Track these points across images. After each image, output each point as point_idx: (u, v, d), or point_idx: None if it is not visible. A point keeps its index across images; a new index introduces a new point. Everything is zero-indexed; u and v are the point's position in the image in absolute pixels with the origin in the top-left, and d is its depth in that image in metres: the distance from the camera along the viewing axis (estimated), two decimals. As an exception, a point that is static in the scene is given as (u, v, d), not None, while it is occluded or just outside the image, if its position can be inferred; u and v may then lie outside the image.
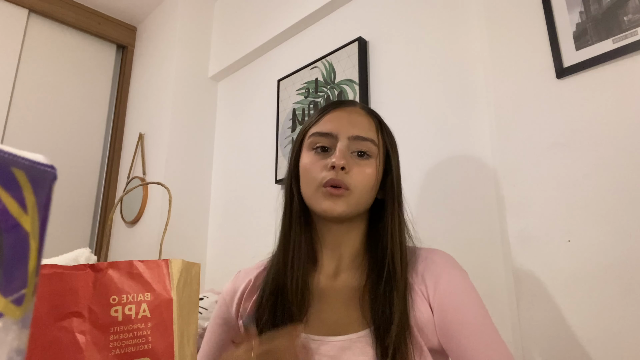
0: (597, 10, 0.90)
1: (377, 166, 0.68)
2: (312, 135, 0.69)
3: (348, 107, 0.71)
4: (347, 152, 0.66)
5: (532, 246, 0.92)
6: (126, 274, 0.43)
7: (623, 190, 0.82)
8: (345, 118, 0.68)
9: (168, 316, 0.42)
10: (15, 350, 0.21)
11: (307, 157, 0.69)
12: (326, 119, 0.69)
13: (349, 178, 0.65)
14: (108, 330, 0.40)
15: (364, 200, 0.68)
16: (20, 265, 0.21)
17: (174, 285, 0.44)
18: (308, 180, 0.68)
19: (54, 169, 0.24)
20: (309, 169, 0.67)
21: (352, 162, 0.66)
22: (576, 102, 0.90)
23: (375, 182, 0.68)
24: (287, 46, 1.81)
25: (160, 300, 0.43)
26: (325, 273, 0.71)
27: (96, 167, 2.26)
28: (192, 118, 2.06)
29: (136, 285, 0.42)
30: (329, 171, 0.65)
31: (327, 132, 0.67)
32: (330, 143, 0.67)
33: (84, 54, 2.29)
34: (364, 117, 0.70)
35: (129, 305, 0.41)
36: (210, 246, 1.96)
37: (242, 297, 0.74)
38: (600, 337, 0.80)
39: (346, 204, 0.65)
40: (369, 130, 0.68)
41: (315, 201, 0.67)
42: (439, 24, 1.27)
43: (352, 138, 0.67)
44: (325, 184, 0.65)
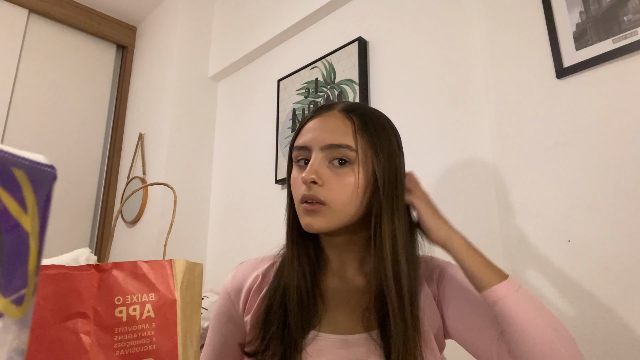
0: (597, 10, 0.90)
1: (357, 172, 0.62)
2: (293, 148, 0.68)
3: (326, 112, 0.67)
4: (324, 163, 0.63)
5: (532, 246, 0.92)
6: (130, 274, 0.43)
7: (623, 190, 0.82)
8: (320, 126, 0.65)
9: (172, 317, 0.42)
10: (15, 350, 0.21)
11: (293, 172, 0.68)
12: (304, 129, 0.67)
13: (324, 191, 0.61)
14: (112, 331, 0.41)
15: (348, 212, 0.63)
16: (20, 265, 0.21)
17: (177, 286, 0.44)
18: (294, 196, 0.67)
19: (54, 169, 0.24)
20: (292, 184, 0.66)
21: (329, 173, 0.62)
22: (576, 102, 0.90)
23: (358, 190, 0.63)
24: (287, 46, 1.81)
25: (164, 300, 0.43)
26: (335, 274, 0.71)
27: (96, 167, 2.26)
28: (192, 118, 2.06)
29: (140, 286, 0.42)
30: (305, 186, 0.62)
31: (302, 145, 0.65)
32: (307, 156, 0.65)
33: (84, 54, 2.29)
34: (340, 121, 0.64)
35: (134, 305, 0.42)
36: (210, 246, 1.96)
37: (249, 294, 0.72)
38: (600, 337, 0.80)
39: (325, 220, 0.62)
40: (344, 135, 0.63)
41: (299, 216, 0.65)
42: (439, 24, 1.27)
43: (325, 148, 0.63)
44: (302, 199, 0.63)
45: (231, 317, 0.73)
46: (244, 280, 0.74)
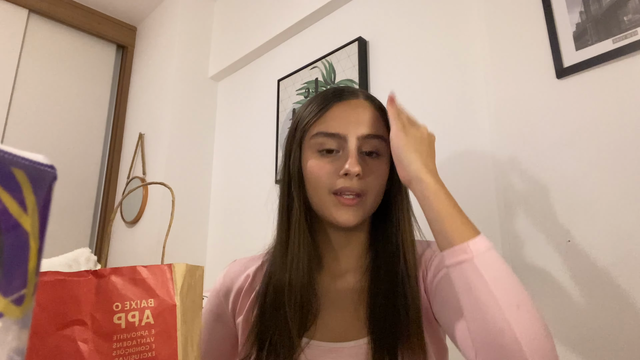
0: (597, 10, 0.90)
1: (387, 165, 0.63)
2: (315, 135, 0.62)
3: (352, 99, 0.64)
4: (358, 153, 0.61)
5: (532, 246, 0.92)
6: (129, 279, 0.42)
7: (623, 190, 0.82)
8: (352, 114, 0.62)
9: (172, 322, 0.42)
10: (15, 350, 0.21)
11: (313, 161, 0.62)
12: (330, 115, 0.62)
13: (364, 183, 0.60)
14: (111, 338, 0.40)
15: (376, 203, 0.64)
16: (20, 265, 0.21)
17: (177, 291, 0.43)
18: (317, 187, 0.62)
19: (54, 169, 0.24)
20: (318, 174, 0.61)
21: (365, 164, 0.61)
22: (576, 102, 0.90)
23: (385, 181, 0.63)
24: (287, 46, 1.81)
25: (164, 306, 0.42)
26: (330, 274, 0.68)
27: (96, 167, 2.26)
28: (192, 118, 2.06)
29: (139, 292, 0.42)
30: (341, 177, 0.60)
31: (334, 132, 0.61)
32: (337, 144, 0.61)
33: (84, 54, 2.29)
34: (370, 111, 0.64)
35: (133, 312, 0.41)
36: (210, 246, 1.96)
37: (240, 295, 0.70)
38: (600, 337, 0.80)
39: (361, 213, 0.61)
40: (377, 126, 0.62)
41: (327, 210, 0.62)
42: (439, 24, 1.27)
43: (361, 138, 0.61)
44: (338, 191, 0.60)
45: (219, 316, 0.72)
46: (234, 280, 0.72)
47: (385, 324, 0.58)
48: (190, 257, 1.90)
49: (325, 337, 0.62)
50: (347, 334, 0.62)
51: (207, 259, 1.95)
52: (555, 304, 0.87)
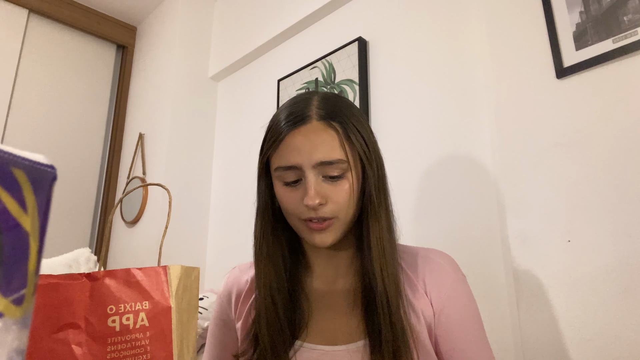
0: (597, 10, 0.90)
1: (352, 178, 0.62)
2: (276, 169, 0.64)
3: (303, 125, 0.62)
4: (318, 181, 0.61)
5: (532, 246, 0.92)
6: (124, 282, 0.42)
7: (623, 190, 0.82)
8: (304, 143, 0.61)
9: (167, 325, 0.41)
10: (15, 351, 0.21)
11: (279, 189, 0.65)
12: (284, 147, 0.63)
13: (329, 209, 0.61)
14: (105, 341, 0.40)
15: (351, 217, 0.64)
16: (20, 265, 0.21)
17: (172, 293, 0.43)
18: (287, 213, 0.64)
19: (54, 169, 0.24)
20: (285, 203, 0.64)
21: (327, 188, 0.61)
22: (576, 102, 0.90)
23: (355, 193, 0.63)
24: (287, 46, 1.81)
25: (158, 308, 0.42)
26: (322, 279, 0.69)
27: (96, 167, 2.26)
28: (192, 118, 2.06)
29: (134, 294, 0.41)
30: (306, 208, 0.61)
31: (289, 165, 0.62)
32: (297, 175, 0.62)
33: (84, 54, 2.29)
34: (324, 134, 0.61)
35: (127, 314, 0.41)
36: (210, 246, 1.96)
37: (239, 300, 0.72)
38: (600, 337, 0.80)
39: (334, 233, 0.63)
40: (333, 149, 0.61)
41: (302, 233, 0.64)
42: (439, 24, 1.27)
43: (317, 165, 0.61)
44: (306, 220, 0.62)
45: (225, 322, 0.74)
46: (234, 286, 0.74)
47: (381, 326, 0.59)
48: (190, 258, 1.90)
49: (319, 340, 0.63)
50: (342, 337, 0.63)
51: (207, 259, 1.95)
52: (555, 304, 0.87)
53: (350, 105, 0.67)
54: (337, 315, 0.65)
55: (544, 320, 0.88)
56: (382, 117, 1.36)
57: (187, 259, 1.88)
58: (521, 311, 0.91)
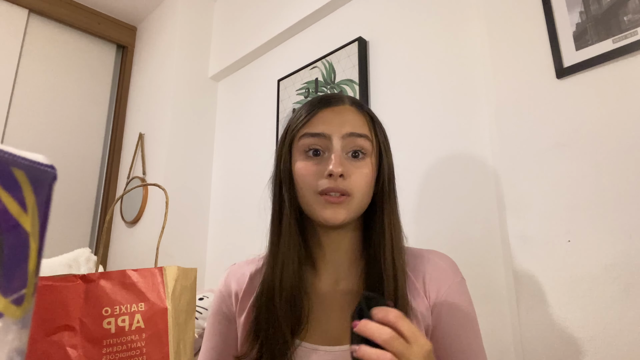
0: (597, 10, 0.90)
1: (373, 164, 0.65)
2: (302, 136, 0.65)
3: (338, 105, 0.67)
4: (343, 154, 0.63)
5: (532, 246, 0.92)
6: (119, 284, 0.41)
7: (623, 190, 0.82)
8: (337, 117, 0.65)
9: (163, 326, 0.41)
10: (16, 350, 0.21)
11: (300, 163, 0.65)
12: (316, 120, 0.65)
13: (348, 183, 0.62)
14: (101, 343, 0.39)
15: (364, 203, 0.66)
16: (20, 265, 0.21)
17: (169, 294, 0.42)
18: (304, 188, 0.64)
19: (54, 169, 0.24)
20: (304, 175, 0.64)
21: (349, 165, 0.63)
22: (576, 102, 0.90)
23: (372, 182, 0.66)
24: (287, 46, 1.81)
25: (154, 310, 0.41)
26: (325, 279, 0.70)
27: (96, 167, 2.26)
28: (192, 118, 2.06)
29: (130, 296, 0.41)
30: (326, 178, 0.62)
31: (318, 132, 0.64)
32: (323, 144, 0.64)
33: (84, 54, 2.29)
34: (355, 115, 0.67)
35: (122, 316, 0.40)
36: (210, 246, 1.96)
37: (239, 297, 0.72)
38: (601, 337, 0.80)
39: (347, 211, 0.63)
40: (362, 126, 0.66)
41: (314, 209, 0.64)
42: (439, 24, 1.27)
43: (345, 136, 0.63)
44: (323, 192, 0.62)
45: (225, 315, 0.73)
46: (235, 282, 0.75)
47: None
48: (191, 258, 1.90)
49: (320, 340, 0.63)
50: (343, 338, 0.63)
51: (207, 259, 1.95)
52: (556, 304, 0.87)
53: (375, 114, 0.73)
54: (338, 316, 0.65)
55: (544, 320, 0.88)
56: (382, 117, 1.35)
57: (187, 259, 1.88)
58: (521, 311, 0.91)
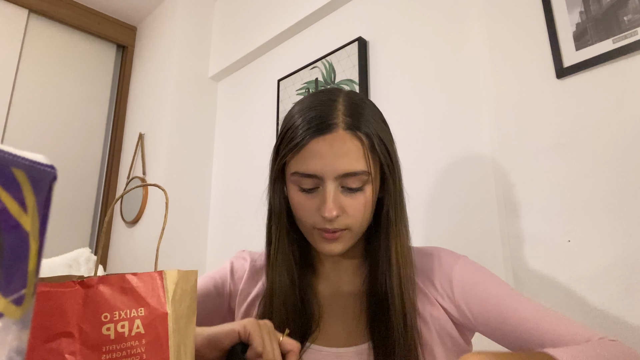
0: (597, 10, 0.90)
1: (371, 190, 0.61)
2: (293, 174, 0.61)
3: (330, 132, 0.59)
4: (337, 192, 0.60)
5: (532, 246, 0.92)
6: (118, 288, 0.40)
7: (623, 190, 0.82)
8: (328, 152, 0.58)
9: (163, 331, 0.41)
10: (15, 351, 0.21)
11: (294, 194, 0.63)
12: (305, 153, 0.59)
13: (344, 219, 0.60)
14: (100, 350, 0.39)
15: (364, 228, 0.64)
16: (20, 265, 0.21)
17: (169, 298, 0.42)
18: (300, 219, 0.63)
19: (54, 169, 0.24)
20: (299, 209, 0.62)
21: (344, 199, 0.60)
22: (576, 102, 0.90)
23: (372, 205, 0.62)
24: (287, 46, 1.81)
25: (154, 315, 0.41)
26: (329, 282, 0.70)
27: (96, 167, 2.26)
28: (192, 118, 2.06)
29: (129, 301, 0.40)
30: (321, 218, 0.60)
31: (310, 174, 0.59)
32: (315, 184, 0.60)
33: (84, 54, 2.29)
34: (349, 143, 0.59)
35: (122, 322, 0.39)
36: (210, 246, 1.96)
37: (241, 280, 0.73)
38: (600, 337, 0.80)
39: (344, 244, 0.62)
40: (357, 160, 0.59)
41: (312, 240, 0.64)
42: (439, 23, 1.27)
43: (339, 177, 0.59)
44: (319, 229, 0.61)
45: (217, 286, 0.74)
46: (241, 265, 0.77)
47: (385, 329, 0.59)
48: (191, 258, 1.90)
49: (326, 342, 0.63)
50: (349, 339, 0.63)
51: (207, 260, 1.95)
52: (556, 304, 0.87)
53: (375, 112, 0.64)
54: (345, 319, 0.65)
55: (544, 320, 0.88)
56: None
57: (187, 259, 1.88)
58: (521, 311, 0.91)
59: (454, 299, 0.62)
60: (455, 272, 0.64)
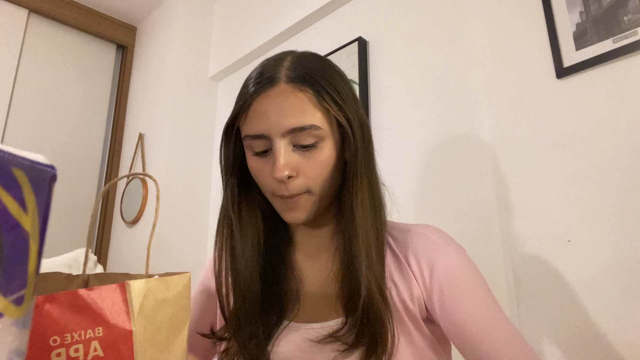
0: (597, 10, 0.90)
1: (329, 148, 0.57)
2: (244, 138, 0.58)
3: (271, 88, 0.55)
4: (288, 150, 0.55)
5: (532, 246, 0.92)
6: (69, 307, 0.35)
7: (623, 190, 0.82)
8: (272, 108, 0.55)
9: (127, 352, 0.36)
10: (15, 351, 0.21)
11: (250, 160, 0.59)
12: (251, 114, 0.56)
13: (302, 181, 0.56)
14: None
15: (328, 190, 0.59)
16: (20, 265, 0.21)
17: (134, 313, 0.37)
18: (261, 185, 0.60)
19: (54, 168, 0.24)
20: (257, 176, 0.59)
21: (299, 159, 0.56)
22: (576, 102, 0.90)
23: (333, 164, 0.58)
24: (287, 46, 1.81)
25: (115, 334, 0.35)
26: (305, 253, 0.66)
27: (96, 167, 2.26)
28: (192, 118, 2.06)
29: (83, 320, 0.35)
30: (277, 183, 0.56)
31: (257, 134, 0.56)
32: (266, 145, 0.56)
33: (84, 54, 2.29)
34: (293, 97, 0.55)
35: (75, 345, 0.34)
36: (210, 246, 1.96)
37: None
38: (601, 337, 0.80)
39: (306, 210, 0.58)
40: (304, 113, 0.54)
41: (276, 208, 0.60)
42: (439, 24, 1.27)
43: (286, 133, 0.55)
44: (277, 194, 0.57)
45: (206, 287, 0.73)
46: None
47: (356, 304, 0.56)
48: (190, 258, 1.90)
49: (303, 319, 0.61)
50: (324, 314, 0.60)
51: (207, 260, 1.95)
52: (555, 304, 0.87)
53: (328, 67, 0.60)
54: (317, 293, 0.63)
55: (544, 320, 0.88)
56: (382, 117, 1.36)
57: (187, 259, 1.88)
58: (521, 311, 0.91)
59: (428, 287, 0.58)
60: (440, 262, 0.59)
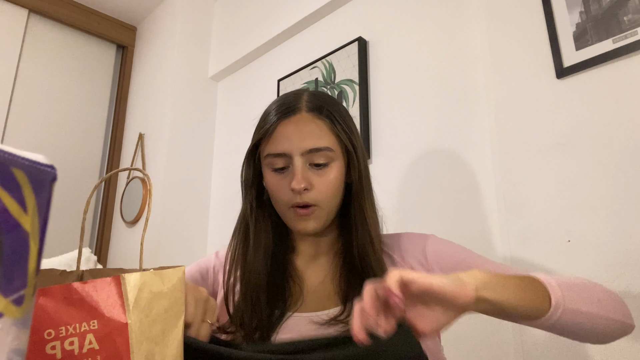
0: (597, 10, 0.90)
1: (337, 168, 0.68)
2: (266, 156, 0.69)
3: (294, 115, 0.68)
4: (305, 167, 0.67)
5: (532, 246, 0.92)
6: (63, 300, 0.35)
7: (623, 190, 0.82)
8: (294, 131, 0.67)
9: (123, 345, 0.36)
10: (15, 351, 0.21)
11: (269, 177, 0.70)
12: (276, 136, 0.68)
13: (313, 195, 0.66)
14: None
15: (334, 206, 0.70)
16: (20, 265, 0.21)
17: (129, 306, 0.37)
18: (276, 201, 0.70)
19: (54, 169, 0.24)
20: (274, 190, 0.69)
21: (312, 176, 0.67)
22: (576, 102, 0.90)
23: (340, 183, 0.69)
24: (287, 46, 1.80)
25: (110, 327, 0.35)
26: (305, 257, 0.75)
27: (96, 167, 2.26)
28: (192, 118, 2.05)
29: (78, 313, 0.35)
30: (292, 193, 0.66)
31: (279, 153, 0.67)
32: (285, 162, 0.68)
33: (84, 54, 2.29)
34: (312, 124, 0.68)
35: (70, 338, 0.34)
36: (210, 246, 1.96)
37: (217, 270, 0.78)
38: (600, 337, 0.80)
39: (316, 221, 0.68)
40: (321, 137, 0.67)
41: (288, 221, 0.70)
42: (439, 23, 1.27)
43: (305, 153, 0.66)
44: (292, 206, 0.67)
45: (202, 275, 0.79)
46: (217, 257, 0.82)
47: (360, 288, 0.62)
48: (190, 257, 1.90)
49: (305, 310, 0.68)
50: (325, 305, 0.68)
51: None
52: (555, 304, 0.86)
53: (337, 103, 0.73)
54: (316, 286, 0.71)
55: (544, 320, 0.88)
56: (382, 117, 1.36)
57: (187, 259, 1.88)
58: (521, 311, 0.91)
59: (427, 264, 0.68)
60: (428, 244, 0.70)
